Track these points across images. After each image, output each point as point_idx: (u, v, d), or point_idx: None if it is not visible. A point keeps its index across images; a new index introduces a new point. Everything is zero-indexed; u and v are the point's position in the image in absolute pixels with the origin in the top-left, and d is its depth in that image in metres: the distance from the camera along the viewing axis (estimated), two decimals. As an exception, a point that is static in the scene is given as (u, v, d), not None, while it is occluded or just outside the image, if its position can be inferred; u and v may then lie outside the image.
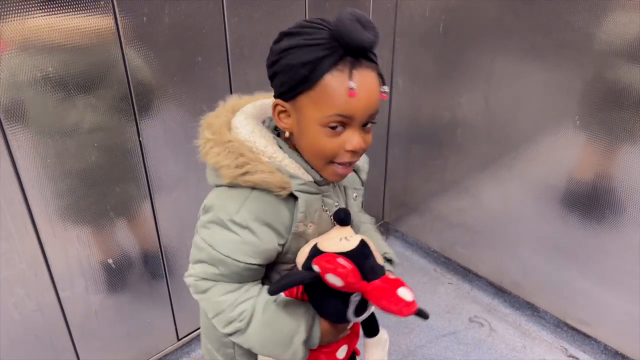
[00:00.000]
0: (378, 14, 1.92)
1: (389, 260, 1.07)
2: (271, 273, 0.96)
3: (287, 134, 0.89)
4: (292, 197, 0.89)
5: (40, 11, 1.15)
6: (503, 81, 1.79)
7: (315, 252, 0.87)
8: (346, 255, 0.84)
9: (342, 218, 0.94)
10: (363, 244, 0.87)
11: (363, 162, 1.07)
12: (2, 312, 1.35)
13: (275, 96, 0.88)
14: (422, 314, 0.88)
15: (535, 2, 1.60)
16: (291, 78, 0.82)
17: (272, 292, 0.84)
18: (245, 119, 0.91)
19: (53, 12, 1.17)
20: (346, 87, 0.79)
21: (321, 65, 0.80)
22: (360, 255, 0.86)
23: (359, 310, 0.88)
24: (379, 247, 0.99)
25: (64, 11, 1.19)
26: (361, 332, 1.06)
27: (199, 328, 1.84)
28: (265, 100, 0.98)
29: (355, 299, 0.86)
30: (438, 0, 1.87)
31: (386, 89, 0.85)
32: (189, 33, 1.43)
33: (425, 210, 2.29)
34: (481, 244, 2.12)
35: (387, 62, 2.10)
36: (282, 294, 0.91)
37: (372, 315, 1.03)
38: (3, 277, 1.31)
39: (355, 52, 0.80)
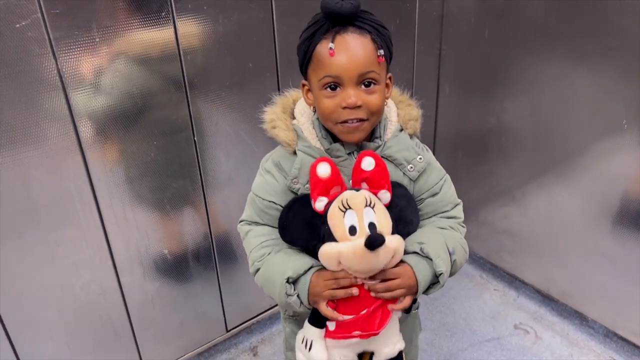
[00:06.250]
0: (424, 21, 1.97)
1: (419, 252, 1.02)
2: None
3: (312, 109, 1.04)
4: None
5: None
6: (548, 86, 1.79)
7: None
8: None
9: (369, 242, 0.88)
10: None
11: (411, 157, 1.04)
12: (70, 294, 1.49)
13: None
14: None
15: (581, 5, 1.60)
16: (300, 56, 0.99)
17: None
18: (302, 101, 1.07)
19: (121, 28, 1.31)
20: (328, 50, 0.92)
21: (314, 38, 0.94)
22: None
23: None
24: (417, 237, 1.02)
25: (129, 26, 1.33)
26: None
27: (247, 320, 1.94)
28: None
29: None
30: (483, 6, 1.89)
31: (382, 52, 0.94)
32: (241, 41, 1.54)
33: (471, 216, 2.28)
34: (528, 251, 2.10)
35: (434, 69, 2.13)
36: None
37: None
38: (72, 261, 1.45)
39: (337, 21, 0.92)
